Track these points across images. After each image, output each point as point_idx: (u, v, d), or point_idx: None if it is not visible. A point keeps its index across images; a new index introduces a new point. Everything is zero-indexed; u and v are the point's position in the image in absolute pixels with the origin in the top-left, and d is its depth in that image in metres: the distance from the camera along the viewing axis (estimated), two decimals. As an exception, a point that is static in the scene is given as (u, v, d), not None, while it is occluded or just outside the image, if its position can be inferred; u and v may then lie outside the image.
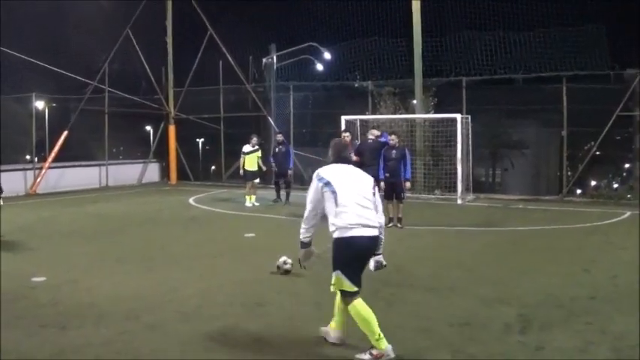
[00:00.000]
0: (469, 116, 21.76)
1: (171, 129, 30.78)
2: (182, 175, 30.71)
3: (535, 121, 22.42)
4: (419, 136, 22.79)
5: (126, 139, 34.18)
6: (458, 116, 20.70)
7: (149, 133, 36.91)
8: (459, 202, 20.41)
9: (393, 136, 15.14)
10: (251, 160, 19.33)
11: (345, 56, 26.38)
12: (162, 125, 31.60)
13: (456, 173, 20.69)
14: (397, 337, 6.32)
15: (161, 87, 31.15)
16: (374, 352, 5.97)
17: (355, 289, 6.09)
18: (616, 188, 24.46)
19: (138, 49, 30.42)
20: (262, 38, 29.17)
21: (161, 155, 31.81)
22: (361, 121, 22.73)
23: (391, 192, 14.74)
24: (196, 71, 30.43)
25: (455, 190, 20.91)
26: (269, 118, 27.61)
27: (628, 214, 17.01)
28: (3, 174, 22.19)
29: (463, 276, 9.53)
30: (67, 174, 26.92)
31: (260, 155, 19.84)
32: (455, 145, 20.57)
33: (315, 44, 26.42)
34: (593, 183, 25.07)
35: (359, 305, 6.06)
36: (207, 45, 29.88)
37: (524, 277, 9.44)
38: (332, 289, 6.28)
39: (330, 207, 6.20)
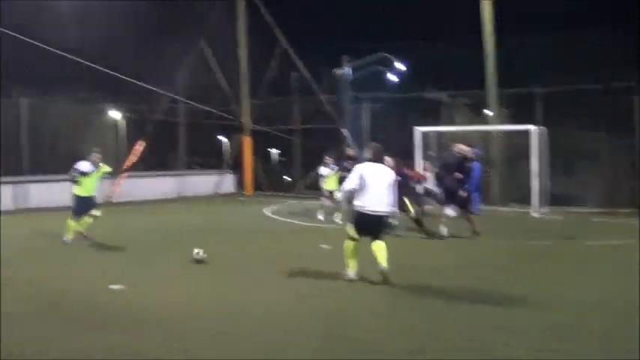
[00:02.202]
0: (544, 127, 22.07)
1: (247, 140, 31.98)
2: (257, 186, 31.94)
3: (610, 132, 22.57)
4: (494, 148, 23.27)
5: (202, 150, 35.59)
6: (532, 127, 21.12)
7: (224, 144, 38.28)
8: (535, 214, 20.71)
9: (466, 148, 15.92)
10: (332, 182, 19.10)
11: (419, 67, 27.02)
12: (237, 136, 32.87)
13: (530, 185, 21.04)
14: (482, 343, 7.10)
15: (236, 98, 32.44)
16: (344, 272, 10.11)
17: (356, 237, 10.02)
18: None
19: (212, 60, 31.72)
20: (335, 49, 30.11)
21: (236, 166, 33.06)
22: (435, 132, 23.39)
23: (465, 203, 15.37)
24: (271, 83, 31.83)
25: (530, 202, 21.23)
26: (343, 130, 28.55)
27: None
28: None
29: (535, 289, 9.77)
30: (143, 184, 28.38)
31: (339, 175, 19.94)
32: (530, 157, 20.94)
33: (388, 55, 27.19)
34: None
35: (351, 244, 10.08)
36: (282, 57, 31.11)
37: (601, 293, 9.55)
38: (347, 230, 10.24)
39: (359, 189, 9.93)
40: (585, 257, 13.04)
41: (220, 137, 39.30)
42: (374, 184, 9.90)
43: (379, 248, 9.90)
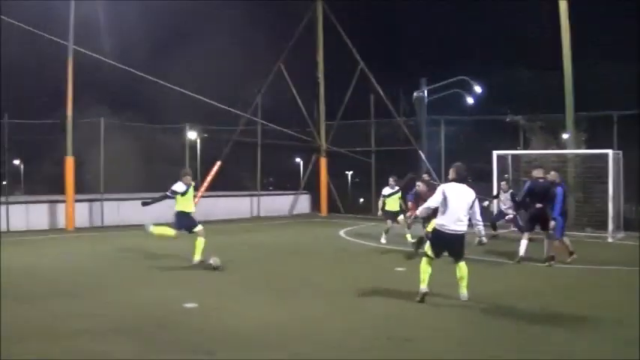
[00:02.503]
0: (620, 152, 21.91)
1: (323, 161, 32.36)
2: (332, 208, 32.21)
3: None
4: (570, 172, 23.09)
5: (277, 171, 36.06)
6: (610, 152, 20.89)
7: (299, 165, 38.68)
8: (610, 240, 20.40)
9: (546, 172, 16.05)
10: (392, 202, 19.23)
11: (496, 89, 26.99)
12: (313, 158, 33.27)
13: (607, 210, 20.75)
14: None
15: (313, 120, 32.93)
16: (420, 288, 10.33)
17: (432, 256, 10.40)
18: None
19: (290, 82, 32.21)
20: (413, 72, 30.28)
21: (312, 187, 33.40)
22: (513, 156, 23.38)
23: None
24: (347, 104, 32.10)
25: (606, 227, 20.91)
26: (420, 152, 28.61)
27: None
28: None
29: (606, 316, 9.70)
30: (219, 203, 28.99)
31: (400, 196, 19.74)
32: (606, 182, 20.68)
33: (466, 77, 27.08)
34: None
35: (424, 261, 10.41)
36: (359, 78, 31.48)
37: None
38: (424, 249, 10.84)
39: (441, 208, 10.29)
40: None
41: (297, 159, 39.81)
42: (455, 204, 10.20)
43: (462, 274, 10.42)
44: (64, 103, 23.82)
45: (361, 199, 36.46)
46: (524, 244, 15.28)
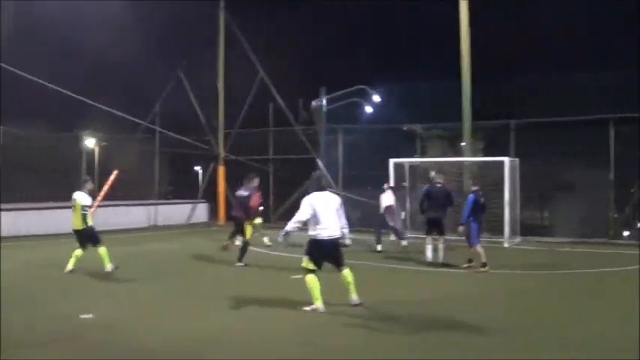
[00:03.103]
0: (517, 159, 22.87)
1: (221, 170, 32.47)
2: (231, 216, 31.77)
3: (583, 163, 23.30)
4: (466, 179, 23.71)
5: (175, 179, 35.86)
6: (506, 159, 21.88)
7: (198, 174, 38.57)
8: (506, 245, 21.36)
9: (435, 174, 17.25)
10: None
11: (394, 99, 27.56)
12: (211, 166, 33.30)
13: (503, 216, 21.58)
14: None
15: (211, 128, 32.99)
16: (312, 306, 10.41)
17: (314, 268, 10.52)
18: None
19: (189, 90, 32.23)
20: (312, 81, 30.54)
21: (210, 196, 33.37)
22: (409, 163, 24.01)
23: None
24: (247, 113, 32.40)
25: (502, 233, 21.75)
26: (318, 161, 28.99)
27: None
28: (50, 211, 24.26)
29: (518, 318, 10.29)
30: (116, 213, 28.36)
31: None
32: (503, 188, 21.51)
33: (364, 87, 27.56)
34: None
35: (310, 278, 10.51)
36: (258, 87, 31.80)
37: (573, 321, 10.17)
38: (303, 264, 10.65)
39: (312, 219, 10.51)
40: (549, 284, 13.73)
41: (196, 167, 39.66)
42: (323, 212, 10.55)
43: (348, 280, 10.72)
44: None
45: (260, 208, 36.51)
46: (429, 248, 15.83)
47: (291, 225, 10.73)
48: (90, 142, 30.81)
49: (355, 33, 35.28)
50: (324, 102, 28.93)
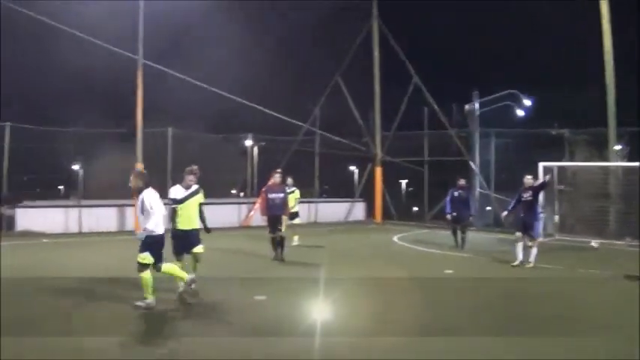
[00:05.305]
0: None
1: (378, 170, 34.71)
2: (386, 215, 34.47)
3: None
4: (613, 184, 24.81)
5: (331, 179, 38.39)
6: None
7: (352, 174, 41.13)
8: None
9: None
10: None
11: (543, 103, 29.08)
12: (369, 166, 35.73)
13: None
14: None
15: (369, 131, 35.42)
16: (145, 301, 10.34)
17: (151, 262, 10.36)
18: None
19: (347, 94, 35.06)
20: (465, 85, 32.67)
21: (366, 195, 35.90)
22: (558, 167, 25.25)
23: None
24: (402, 116, 34.57)
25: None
26: (471, 163, 31.00)
27: None
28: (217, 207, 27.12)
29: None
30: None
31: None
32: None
33: (515, 92, 29.27)
34: None
35: (147, 275, 10.33)
36: (413, 91, 33.97)
37: None
38: (140, 260, 10.33)
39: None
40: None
41: (351, 167, 42.26)
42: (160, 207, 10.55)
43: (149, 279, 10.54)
44: (134, 113, 26.71)
45: (414, 208, 38.61)
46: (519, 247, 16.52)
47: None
48: (248, 143, 33.84)
49: (506, 38, 36.78)
50: (477, 105, 30.85)
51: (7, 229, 24.05)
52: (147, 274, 10.35)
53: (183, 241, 11.90)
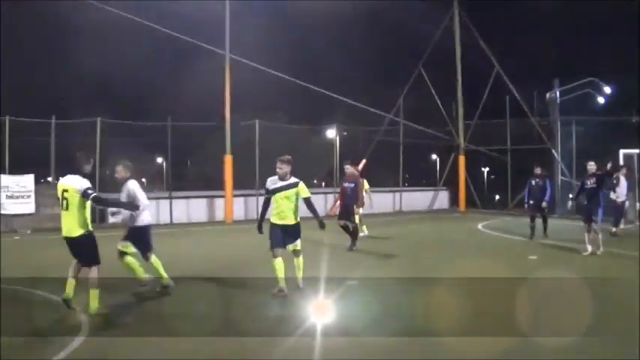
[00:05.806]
0: None
1: (461, 159, 35.56)
2: (469, 203, 35.29)
3: None
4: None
5: (412, 168, 39.10)
6: None
7: (434, 162, 41.83)
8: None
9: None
10: None
11: (624, 91, 29.35)
12: (452, 156, 36.50)
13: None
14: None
15: (452, 120, 36.22)
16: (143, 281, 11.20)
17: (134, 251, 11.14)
18: None
19: (430, 84, 35.93)
20: (546, 73, 33.17)
21: (450, 184, 36.72)
22: (639, 154, 25.90)
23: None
24: (484, 105, 35.22)
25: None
26: (553, 151, 31.50)
27: None
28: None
29: None
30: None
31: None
32: None
33: (596, 79, 29.58)
34: None
35: (130, 259, 11.10)
36: (494, 80, 34.63)
37: None
38: (121, 248, 11.07)
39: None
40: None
41: (433, 156, 42.96)
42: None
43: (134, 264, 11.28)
44: (222, 107, 28.03)
45: (497, 196, 39.22)
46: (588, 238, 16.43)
47: None
48: (331, 133, 34.62)
49: (586, 26, 36.92)
50: (558, 93, 31.28)
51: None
52: (128, 259, 11.15)
53: (277, 236, 11.23)
